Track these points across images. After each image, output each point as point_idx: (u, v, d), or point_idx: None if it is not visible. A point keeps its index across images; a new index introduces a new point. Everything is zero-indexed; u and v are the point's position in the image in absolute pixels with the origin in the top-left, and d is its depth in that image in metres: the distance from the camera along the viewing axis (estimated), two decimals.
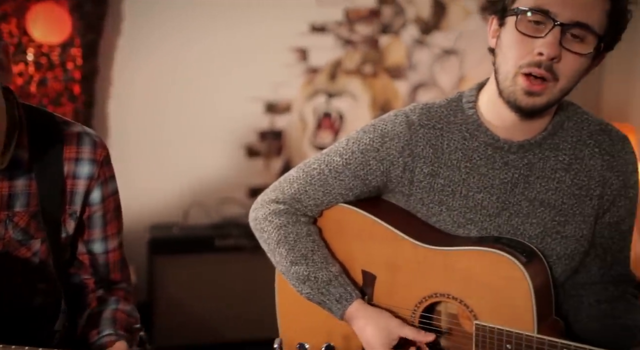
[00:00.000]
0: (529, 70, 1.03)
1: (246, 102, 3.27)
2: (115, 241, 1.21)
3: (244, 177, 3.27)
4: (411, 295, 1.16)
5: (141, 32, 3.09)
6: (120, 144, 3.11)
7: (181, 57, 3.16)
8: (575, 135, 1.16)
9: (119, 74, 3.11)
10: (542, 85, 1.03)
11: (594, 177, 1.14)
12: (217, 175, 3.26)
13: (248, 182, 3.25)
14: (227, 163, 3.29)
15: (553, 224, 1.14)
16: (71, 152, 1.13)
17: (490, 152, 1.15)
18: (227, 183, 3.25)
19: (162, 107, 3.19)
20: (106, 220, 1.18)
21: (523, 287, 1.05)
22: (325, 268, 1.19)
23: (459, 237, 1.16)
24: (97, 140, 1.17)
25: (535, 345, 1.02)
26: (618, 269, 1.18)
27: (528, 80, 1.04)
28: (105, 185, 1.17)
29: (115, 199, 1.20)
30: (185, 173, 3.22)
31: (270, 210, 1.23)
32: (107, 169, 1.18)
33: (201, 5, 3.17)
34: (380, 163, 1.18)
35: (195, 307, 2.80)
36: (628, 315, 1.13)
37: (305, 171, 1.23)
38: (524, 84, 1.04)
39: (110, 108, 3.13)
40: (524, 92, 1.04)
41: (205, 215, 3.15)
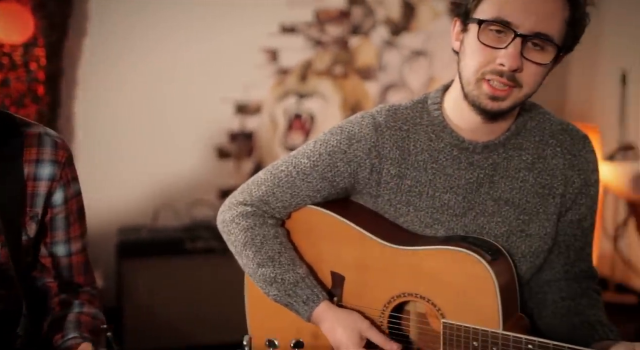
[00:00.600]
0: (491, 78, 1.05)
1: (216, 103, 3.25)
2: (79, 244, 1.19)
3: (215, 178, 3.24)
4: (380, 295, 1.17)
5: (108, 32, 3.05)
6: (87, 145, 3.06)
7: (149, 57, 3.13)
8: (537, 135, 1.18)
9: (85, 74, 3.06)
10: (506, 90, 1.05)
11: (557, 176, 1.17)
12: (187, 176, 3.23)
13: (218, 183, 3.22)
14: (197, 164, 3.26)
15: (518, 223, 1.16)
16: (32, 153, 1.11)
17: (456, 153, 1.16)
18: (198, 185, 3.22)
19: (131, 108, 3.15)
20: (69, 222, 1.16)
21: (489, 285, 1.06)
22: (293, 270, 1.19)
23: (426, 237, 1.17)
24: (59, 141, 1.15)
25: (500, 341, 1.03)
26: (581, 266, 1.20)
27: (491, 86, 1.05)
28: (68, 187, 1.15)
29: (79, 201, 1.19)
30: (154, 175, 3.18)
31: (237, 213, 1.22)
32: (69, 170, 1.16)
33: (170, 5, 3.14)
34: (348, 165, 1.18)
35: (165, 310, 2.76)
36: (590, 311, 1.15)
37: (273, 173, 1.22)
38: (488, 90, 1.06)
39: (76, 109, 3.08)
40: (488, 96, 1.06)
41: (175, 218, 3.12)
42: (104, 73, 3.07)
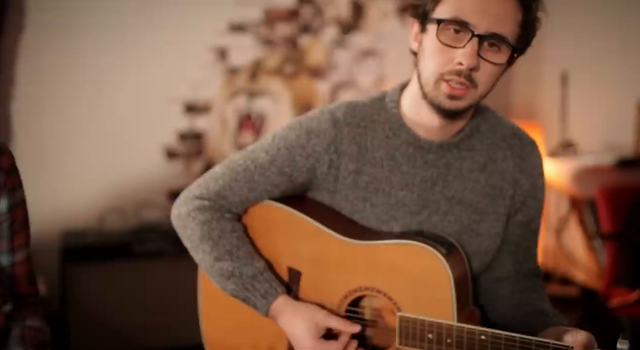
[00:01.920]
0: (450, 78, 1.07)
1: (164, 103, 3.18)
2: (24, 253, 1.15)
3: (163, 179, 3.17)
4: (336, 290, 1.16)
5: (48, 28, 2.93)
6: (27, 146, 2.93)
7: (93, 54, 3.03)
8: (489, 138, 1.21)
9: (23, 72, 2.93)
10: (464, 90, 1.08)
11: (507, 178, 1.20)
12: (135, 178, 3.15)
13: (167, 184, 3.15)
14: (145, 165, 3.18)
15: (469, 222, 1.18)
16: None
17: (412, 151, 1.17)
18: (146, 186, 3.14)
19: (74, 107, 3.04)
20: (13, 230, 1.12)
21: (444, 277, 1.07)
22: (250, 264, 1.17)
23: (382, 232, 1.18)
24: (2, 146, 1.11)
25: (455, 333, 1.05)
26: (529, 265, 1.24)
27: (449, 85, 1.07)
28: (13, 194, 1.11)
29: (23, 209, 1.14)
30: (100, 176, 3.08)
31: (193, 207, 1.20)
32: (13, 177, 1.11)
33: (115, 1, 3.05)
34: (306, 160, 1.18)
35: (114, 316, 2.68)
36: (540, 302, 1.19)
37: (230, 167, 1.21)
38: (446, 89, 1.08)
39: (14, 109, 2.94)
40: (447, 96, 1.08)
41: (123, 220, 3.03)
42: (44, 70, 2.95)
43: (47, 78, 2.96)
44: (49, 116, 3.00)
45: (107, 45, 3.04)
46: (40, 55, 2.93)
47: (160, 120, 3.18)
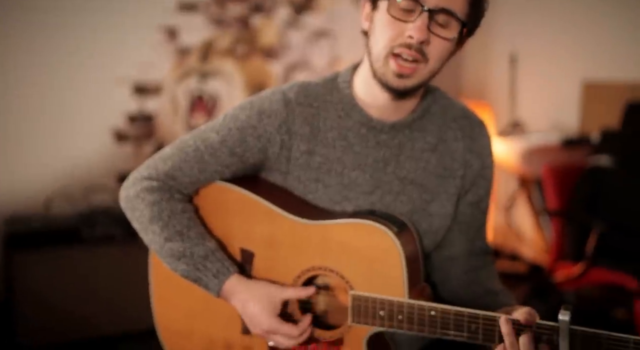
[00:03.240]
0: (400, 51, 1.07)
1: (112, 84, 3.09)
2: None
3: (113, 163, 3.09)
4: (289, 270, 1.16)
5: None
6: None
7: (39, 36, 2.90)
8: (440, 119, 1.22)
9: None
10: (412, 67, 1.08)
11: (457, 158, 1.21)
12: (83, 161, 3.06)
13: (117, 168, 3.08)
14: (93, 148, 3.09)
15: (421, 202, 1.20)
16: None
17: (364, 132, 1.18)
18: (94, 169, 3.06)
19: (18, 89, 2.92)
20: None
21: (395, 255, 1.08)
22: (202, 244, 1.15)
23: (335, 212, 1.19)
24: None
25: (405, 309, 1.07)
26: (479, 243, 1.26)
27: (398, 63, 1.08)
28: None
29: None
30: (45, 160, 2.98)
31: (142, 188, 1.17)
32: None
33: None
34: (258, 140, 1.16)
35: (63, 303, 2.61)
36: (490, 282, 1.22)
37: (180, 148, 1.19)
38: (395, 67, 1.08)
39: None
40: (395, 74, 1.09)
41: (70, 205, 2.95)
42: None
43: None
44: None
45: (52, 25, 2.92)
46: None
47: (109, 102, 3.10)
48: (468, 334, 1.02)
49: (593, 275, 2.62)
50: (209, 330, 1.21)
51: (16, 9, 2.85)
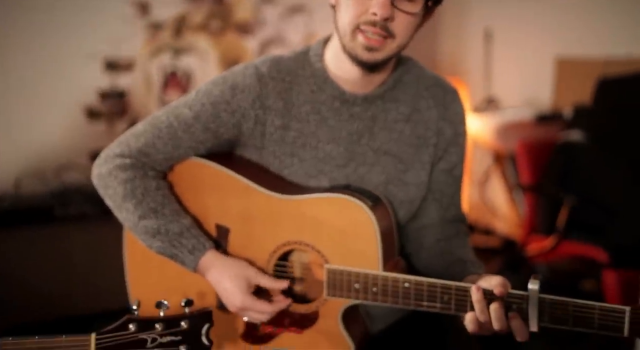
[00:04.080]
0: (365, 29, 1.07)
1: (83, 60, 3.02)
2: None
3: (85, 140, 3.04)
4: (265, 245, 1.17)
5: None
6: None
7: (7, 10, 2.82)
8: (413, 88, 1.22)
9: None
10: (380, 40, 1.08)
11: (430, 127, 1.22)
12: (54, 139, 3.01)
13: (89, 146, 3.03)
14: (64, 126, 3.03)
15: (395, 172, 1.20)
16: None
17: (337, 105, 1.17)
18: (66, 148, 3.01)
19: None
20: None
21: (370, 229, 1.09)
22: (177, 220, 1.15)
23: (310, 187, 1.19)
24: None
25: (380, 282, 1.08)
26: (452, 211, 1.27)
27: (366, 36, 1.07)
28: None
29: None
30: (15, 138, 2.92)
31: (115, 165, 1.16)
32: None
33: None
34: (232, 115, 1.15)
35: (37, 283, 2.58)
36: (460, 250, 1.22)
37: (153, 124, 1.17)
38: (363, 41, 1.08)
39: None
40: (364, 47, 1.08)
41: (42, 183, 2.90)
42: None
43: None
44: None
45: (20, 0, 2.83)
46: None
47: (79, 79, 3.03)
48: (441, 305, 1.04)
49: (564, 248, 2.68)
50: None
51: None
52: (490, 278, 1.03)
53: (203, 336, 0.96)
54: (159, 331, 0.95)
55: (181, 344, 0.95)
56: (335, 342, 1.14)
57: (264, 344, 1.19)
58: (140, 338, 0.94)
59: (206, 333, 0.97)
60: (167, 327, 0.95)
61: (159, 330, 0.95)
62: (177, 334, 0.95)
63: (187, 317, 0.96)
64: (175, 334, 0.95)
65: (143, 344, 0.94)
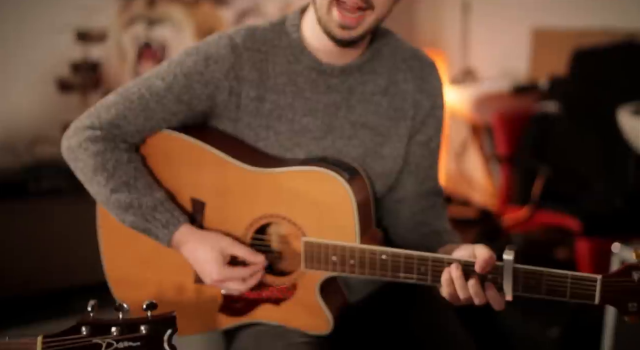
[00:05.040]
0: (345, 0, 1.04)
1: (53, 30, 2.94)
2: None
3: (58, 113, 2.98)
4: (242, 218, 1.16)
5: None
6: None
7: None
8: (390, 61, 1.21)
9: None
10: (357, 18, 1.06)
11: (408, 99, 1.21)
12: (25, 112, 2.94)
13: (62, 118, 2.97)
14: (36, 99, 2.97)
15: (373, 145, 1.20)
16: None
17: (314, 76, 1.16)
18: (38, 121, 2.95)
19: None
20: None
21: (346, 202, 1.09)
22: (150, 194, 1.13)
23: (286, 159, 1.18)
24: None
25: (357, 254, 1.08)
26: (429, 184, 1.27)
27: (342, 13, 1.05)
28: None
29: None
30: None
31: (85, 137, 1.13)
32: None
33: None
34: (205, 87, 1.13)
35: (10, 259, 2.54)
36: (437, 222, 1.23)
37: (124, 95, 1.14)
38: (338, 18, 1.06)
39: None
40: (338, 25, 1.06)
41: (14, 158, 2.84)
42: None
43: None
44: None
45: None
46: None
47: (50, 50, 2.96)
48: (418, 276, 1.05)
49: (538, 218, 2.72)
50: (160, 279, 1.21)
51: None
52: (473, 247, 1.03)
53: (165, 343, 0.87)
54: (115, 336, 0.85)
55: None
56: (313, 314, 1.15)
57: (241, 316, 1.19)
58: (93, 343, 0.85)
59: (168, 340, 0.87)
60: (124, 332, 0.85)
61: (115, 335, 0.85)
62: (135, 340, 0.86)
63: (148, 322, 0.86)
64: (133, 339, 0.86)
65: (97, 349, 0.85)
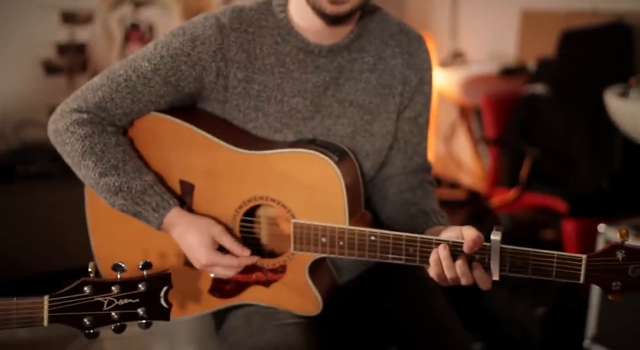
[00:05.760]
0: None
1: (38, 12, 2.89)
2: None
3: (44, 96, 2.95)
4: (231, 201, 1.16)
5: None
6: None
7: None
8: (378, 37, 1.20)
9: None
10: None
11: (396, 75, 1.21)
12: (12, 95, 2.91)
13: (49, 101, 2.94)
14: (22, 81, 2.93)
15: (362, 123, 1.20)
16: None
17: (302, 57, 1.15)
18: (25, 104, 2.92)
19: None
20: None
21: (335, 184, 1.10)
22: (139, 177, 1.13)
23: (276, 142, 1.18)
24: None
25: (346, 235, 1.09)
26: (417, 160, 1.27)
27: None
28: None
29: None
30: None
31: (72, 120, 1.13)
32: None
33: None
34: (192, 68, 1.12)
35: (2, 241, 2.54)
36: (425, 201, 1.23)
37: (110, 78, 1.13)
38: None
39: None
40: (328, 0, 1.05)
41: (1, 141, 2.82)
42: None
43: None
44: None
45: None
46: None
47: (36, 32, 2.91)
48: (406, 257, 1.06)
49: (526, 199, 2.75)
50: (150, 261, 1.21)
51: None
52: (456, 228, 1.04)
53: (162, 299, 0.95)
54: (116, 294, 0.93)
55: (139, 306, 0.94)
56: (302, 295, 1.16)
57: (231, 298, 1.20)
58: (96, 301, 0.92)
59: (165, 295, 0.95)
60: (123, 290, 0.93)
61: (115, 293, 0.93)
62: (134, 297, 0.94)
63: (145, 280, 0.94)
64: (132, 296, 0.94)
65: (99, 306, 0.93)
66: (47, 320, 0.91)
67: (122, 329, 0.95)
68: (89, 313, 0.92)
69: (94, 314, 0.93)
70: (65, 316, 0.92)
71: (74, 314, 0.92)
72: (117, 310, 0.93)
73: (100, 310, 0.93)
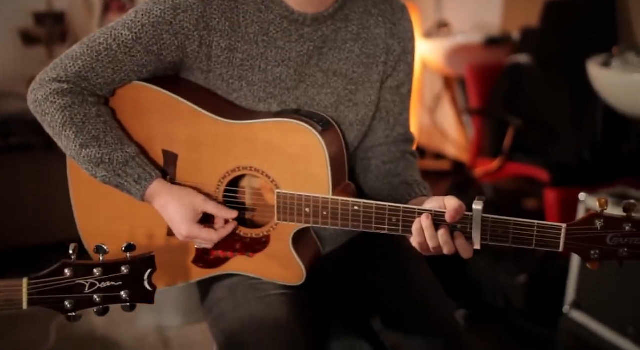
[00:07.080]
0: None
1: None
2: None
3: (23, 67, 2.89)
4: (214, 171, 1.16)
5: None
6: None
7: None
8: (362, 6, 1.20)
9: None
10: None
11: (379, 45, 1.20)
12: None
13: (28, 72, 2.86)
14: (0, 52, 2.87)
15: (345, 93, 1.19)
16: None
17: (286, 25, 1.14)
18: (3, 75, 2.86)
19: None
20: None
21: (319, 154, 1.10)
22: (121, 149, 1.12)
23: (260, 112, 1.17)
24: None
25: (330, 205, 1.10)
26: (399, 130, 1.27)
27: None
28: None
29: None
30: None
31: (51, 90, 1.11)
32: None
33: None
34: (175, 37, 1.11)
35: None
36: (407, 172, 1.24)
37: (90, 46, 1.11)
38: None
39: None
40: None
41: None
42: None
43: None
44: None
45: None
46: None
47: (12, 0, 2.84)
48: (389, 227, 1.07)
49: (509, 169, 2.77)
50: (133, 232, 1.21)
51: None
52: (439, 199, 1.04)
53: (145, 281, 0.94)
54: (98, 276, 0.91)
55: (122, 289, 0.92)
56: (286, 265, 1.16)
57: (215, 268, 1.20)
58: (77, 283, 0.90)
59: (148, 278, 0.94)
60: (106, 272, 0.91)
61: (97, 276, 0.91)
62: (117, 279, 0.92)
63: (128, 262, 0.92)
64: (115, 279, 0.92)
65: (81, 289, 0.90)
66: (26, 303, 0.89)
67: (106, 311, 0.93)
68: (70, 296, 0.90)
69: (75, 297, 0.90)
70: (45, 299, 0.89)
71: (54, 297, 0.90)
72: (100, 293, 0.92)
73: (82, 293, 0.91)
